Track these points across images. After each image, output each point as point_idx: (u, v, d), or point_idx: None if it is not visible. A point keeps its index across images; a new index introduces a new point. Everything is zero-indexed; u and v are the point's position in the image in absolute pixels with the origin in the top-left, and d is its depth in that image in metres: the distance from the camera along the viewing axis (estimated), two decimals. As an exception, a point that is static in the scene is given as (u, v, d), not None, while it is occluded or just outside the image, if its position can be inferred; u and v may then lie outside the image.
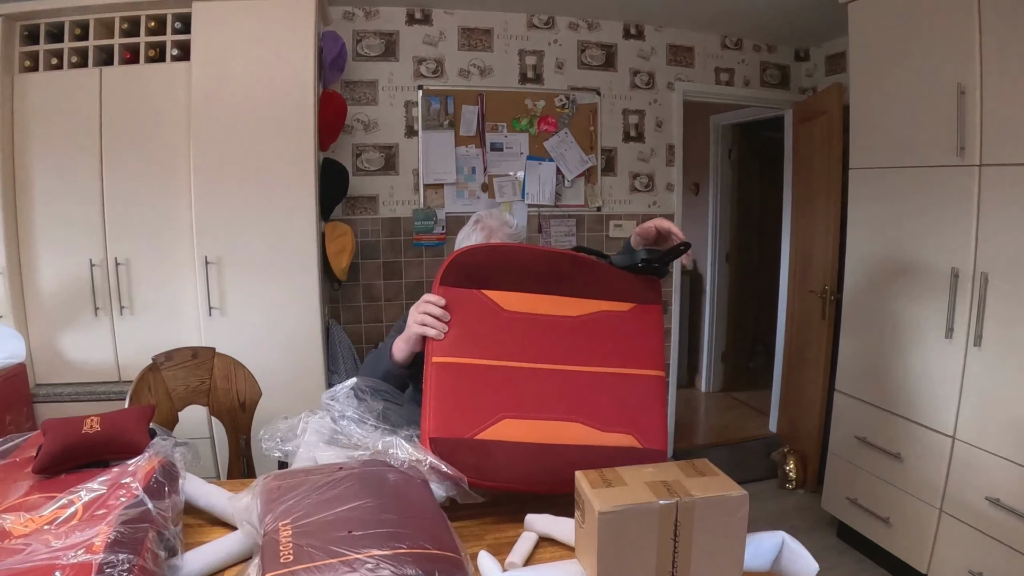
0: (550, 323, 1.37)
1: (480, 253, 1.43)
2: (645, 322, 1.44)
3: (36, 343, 2.70)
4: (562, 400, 1.32)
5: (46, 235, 2.66)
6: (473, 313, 1.36)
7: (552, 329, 1.37)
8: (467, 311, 1.36)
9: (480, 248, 1.45)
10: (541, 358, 1.35)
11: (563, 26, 3.61)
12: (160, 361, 2.05)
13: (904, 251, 2.57)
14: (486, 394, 1.30)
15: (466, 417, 1.28)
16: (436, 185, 3.48)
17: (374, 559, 0.89)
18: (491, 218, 1.92)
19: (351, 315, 3.45)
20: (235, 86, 2.65)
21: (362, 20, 3.34)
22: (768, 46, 4.02)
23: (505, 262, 1.41)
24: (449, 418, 1.28)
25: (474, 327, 1.35)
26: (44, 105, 2.62)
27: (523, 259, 1.43)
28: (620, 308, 1.43)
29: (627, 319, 1.42)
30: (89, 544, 0.93)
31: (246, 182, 2.67)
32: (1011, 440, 2.14)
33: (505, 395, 1.30)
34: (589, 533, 0.98)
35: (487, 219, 1.92)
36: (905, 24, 2.51)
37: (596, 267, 1.46)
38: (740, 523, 0.99)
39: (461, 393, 1.30)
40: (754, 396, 5.03)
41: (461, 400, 1.30)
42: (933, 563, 2.43)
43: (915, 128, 2.49)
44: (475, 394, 1.30)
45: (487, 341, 1.34)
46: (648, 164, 3.83)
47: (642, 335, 1.42)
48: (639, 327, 1.42)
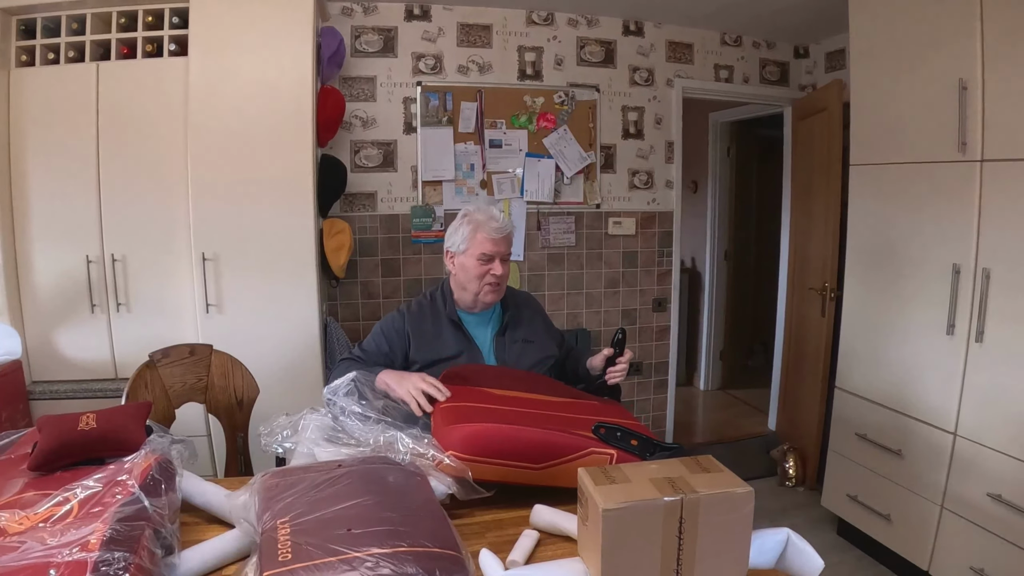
0: (534, 401, 1.59)
1: (467, 368, 1.77)
2: (616, 409, 1.69)
3: (32, 340, 2.68)
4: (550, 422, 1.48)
5: (42, 231, 2.64)
6: (465, 395, 1.58)
7: (537, 403, 1.58)
8: (460, 393, 1.59)
9: (469, 366, 1.82)
10: (530, 405, 1.55)
11: (562, 22, 3.59)
12: (157, 358, 2.03)
13: (905, 247, 2.56)
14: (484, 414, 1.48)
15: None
16: (435, 182, 3.47)
17: (374, 557, 0.88)
18: (479, 212, 1.95)
19: (349, 312, 3.44)
20: (233, 82, 2.63)
21: (360, 16, 3.32)
22: (767, 43, 4.02)
23: (491, 372, 1.77)
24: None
25: (468, 399, 1.55)
26: (40, 100, 2.60)
27: (505, 371, 1.78)
28: (592, 400, 1.74)
29: (599, 405, 1.68)
30: (85, 542, 0.92)
31: (244, 178, 2.65)
32: (1013, 436, 2.13)
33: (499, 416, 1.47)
34: (593, 531, 0.97)
35: (475, 213, 1.95)
36: (906, 19, 2.50)
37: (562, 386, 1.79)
38: (745, 520, 0.99)
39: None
40: (753, 394, 5.02)
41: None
42: (934, 560, 2.43)
43: (916, 124, 2.48)
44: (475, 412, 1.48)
45: (482, 402, 1.54)
46: (647, 161, 3.82)
47: (615, 409, 1.67)
48: (613, 409, 1.66)
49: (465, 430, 1.34)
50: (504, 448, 1.33)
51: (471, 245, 1.91)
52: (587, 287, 3.79)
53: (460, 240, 1.94)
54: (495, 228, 1.91)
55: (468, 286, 1.94)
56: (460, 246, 1.94)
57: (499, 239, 1.91)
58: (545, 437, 1.35)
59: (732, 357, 5.45)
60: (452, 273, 1.99)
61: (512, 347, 1.98)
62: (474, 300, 1.96)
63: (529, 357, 1.97)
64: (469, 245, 1.92)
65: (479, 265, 1.90)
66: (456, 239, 1.95)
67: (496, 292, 1.96)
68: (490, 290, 1.94)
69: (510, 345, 1.98)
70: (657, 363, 4.00)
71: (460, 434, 1.34)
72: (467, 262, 1.92)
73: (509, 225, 1.95)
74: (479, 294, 1.94)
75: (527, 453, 1.33)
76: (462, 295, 1.98)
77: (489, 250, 1.90)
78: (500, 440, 1.33)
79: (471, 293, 1.94)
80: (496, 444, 1.33)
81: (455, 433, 1.35)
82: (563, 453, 1.34)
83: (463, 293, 1.97)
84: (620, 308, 3.88)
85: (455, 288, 2.00)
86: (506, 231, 1.94)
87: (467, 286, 1.94)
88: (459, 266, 1.95)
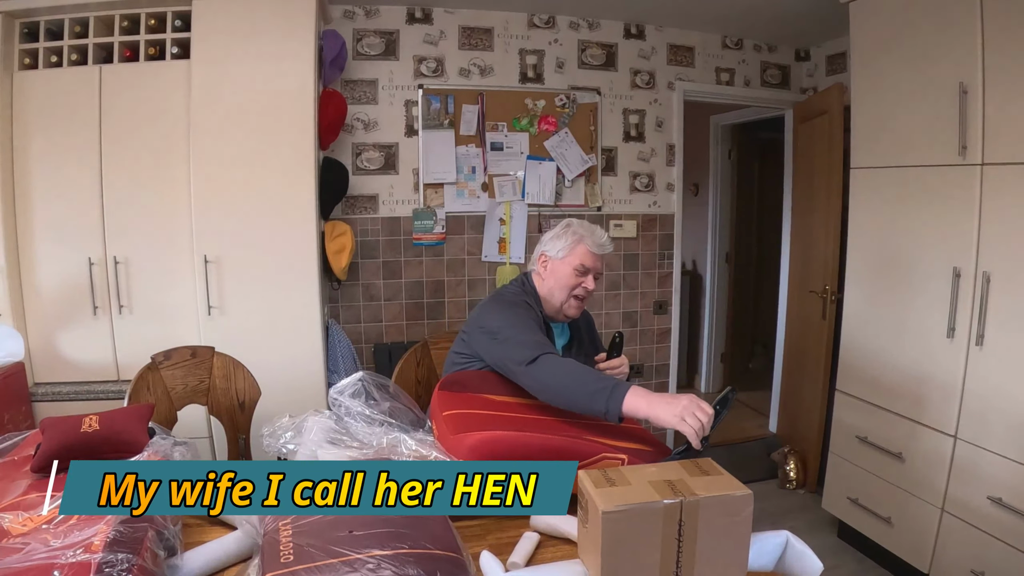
0: (535, 407, 1.57)
1: (466, 375, 1.76)
2: None
3: (35, 342, 2.69)
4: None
5: (45, 234, 2.65)
6: (467, 402, 1.56)
7: (538, 409, 1.55)
8: (462, 400, 1.57)
9: (467, 372, 1.79)
10: (532, 412, 1.54)
11: (564, 25, 3.60)
12: (159, 360, 2.04)
13: (905, 251, 2.56)
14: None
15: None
16: (436, 184, 3.47)
17: (375, 559, 0.88)
18: (582, 227, 1.95)
19: (350, 314, 3.44)
20: (235, 84, 2.64)
21: (362, 19, 3.33)
22: (768, 46, 4.02)
23: (491, 379, 1.74)
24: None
25: (471, 407, 1.54)
26: (43, 103, 2.61)
27: (503, 379, 1.73)
28: None
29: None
30: (88, 543, 0.93)
31: (246, 181, 2.66)
32: (1013, 439, 2.13)
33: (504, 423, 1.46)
34: (592, 533, 0.97)
35: (578, 227, 1.93)
36: (906, 23, 2.50)
37: None
38: (744, 522, 0.99)
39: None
40: (754, 396, 5.02)
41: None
42: (935, 563, 2.43)
43: (916, 127, 2.48)
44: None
45: (485, 409, 1.53)
46: (648, 164, 3.83)
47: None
48: None
49: (474, 438, 1.33)
50: (515, 455, 1.31)
51: (571, 254, 1.89)
52: (588, 289, 3.79)
53: (562, 247, 1.90)
54: (599, 244, 1.90)
55: (556, 294, 1.90)
56: (560, 253, 1.90)
57: (599, 256, 1.91)
58: (555, 443, 1.34)
59: (733, 359, 5.45)
60: (542, 278, 1.95)
61: (577, 360, 1.94)
62: (557, 311, 1.92)
63: None
64: (569, 254, 1.89)
65: (574, 275, 1.88)
66: (558, 245, 1.91)
67: (580, 308, 1.93)
68: (576, 304, 1.91)
69: (575, 359, 1.93)
70: (658, 365, 4.01)
71: (470, 442, 1.33)
72: (562, 269, 1.89)
73: (610, 244, 1.95)
74: (564, 305, 1.90)
75: (538, 460, 1.30)
76: (548, 301, 1.93)
77: (589, 263, 1.89)
78: (510, 447, 1.32)
79: (557, 302, 1.90)
80: (506, 452, 1.32)
81: (465, 442, 1.33)
82: (575, 458, 1.32)
83: (550, 300, 1.92)
84: (621, 310, 3.88)
85: (543, 293, 1.94)
86: (608, 249, 1.94)
87: (555, 294, 1.90)
88: (552, 272, 1.92)
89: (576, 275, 1.88)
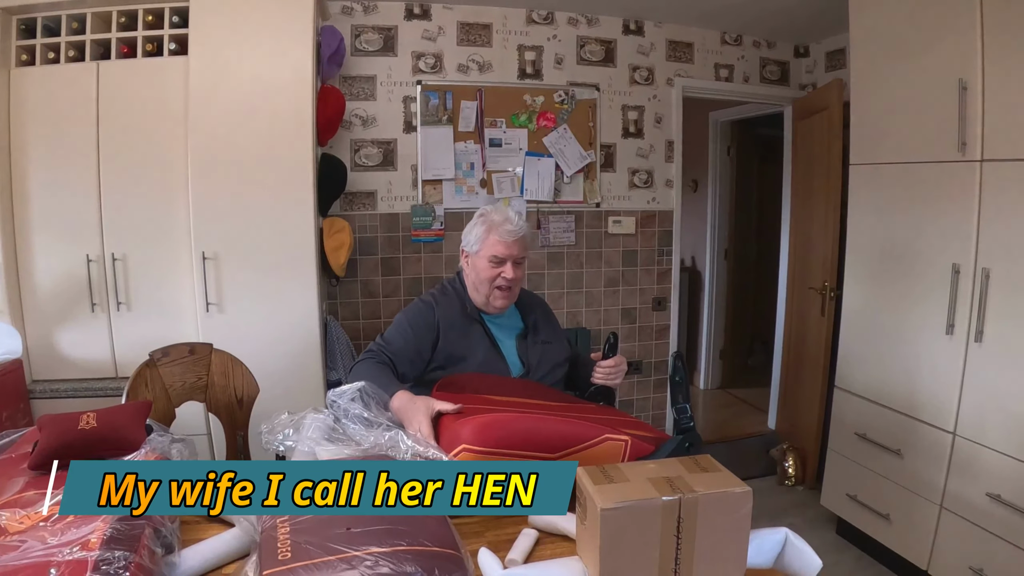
0: (534, 404, 1.56)
1: (462, 378, 1.76)
2: (613, 411, 1.70)
3: (33, 339, 2.69)
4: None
5: (43, 231, 2.64)
6: (466, 401, 1.53)
7: (537, 406, 1.54)
8: (460, 401, 1.53)
9: (462, 375, 1.78)
10: (532, 408, 1.52)
11: (562, 21, 3.59)
12: (157, 357, 2.04)
13: (905, 247, 2.56)
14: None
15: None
16: (434, 181, 3.47)
17: (373, 556, 0.88)
18: (495, 212, 1.90)
19: (349, 311, 3.44)
20: (233, 81, 2.63)
21: (361, 15, 3.32)
22: (768, 42, 4.01)
23: (488, 381, 1.76)
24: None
25: (471, 403, 1.51)
26: (40, 100, 2.60)
27: (497, 379, 1.78)
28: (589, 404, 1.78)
29: (596, 407, 1.68)
30: (85, 541, 0.93)
31: (244, 177, 2.65)
32: (1012, 436, 2.13)
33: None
34: (591, 530, 0.97)
35: (491, 214, 1.91)
36: (906, 19, 2.50)
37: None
38: (743, 519, 0.99)
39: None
40: (753, 393, 5.02)
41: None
42: (933, 559, 2.43)
43: (916, 124, 2.48)
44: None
45: (485, 405, 1.52)
46: (647, 160, 3.82)
47: (614, 411, 1.67)
48: (611, 411, 1.67)
49: (476, 421, 1.30)
50: (519, 437, 1.28)
51: (483, 246, 1.87)
52: (587, 286, 3.79)
53: (474, 240, 1.89)
54: (508, 231, 1.86)
55: (479, 288, 1.89)
56: (473, 246, 1.89)
57: (512, 242, 1.86)
58: (560, 425, 1.32)
59: (732, 356, 5.45)
60: (467, 274, 1.94)
61: (534, 348, 1.94)
62: (485, 303, 1.91)
63: (550, 358, 1.94)
64: (481, 246, 1.87)
65: (490, 267, 1.85)
66: (470, 239, 1.91)
67: (506, 297, 1.90)
68: (500, 295, 1.88)
69: (532, 347, 1.94)
70: (657, 362, 4.01)
71: (473, 425, 1.29)
72: (479, 263, 1.88)
73: (523, 228, 1.90)
74: (489, 297, 1.89)
75: (543, 442, 1.29)
76: (475, 296, 1.93)
77: (501, 252, 1.85)
78: (514, 429, 1.29)
79: (482, 295, 1.90)
80: (511, 433, 1.28)
81: (467, 426, 1.30)
82: (579, 440, 1.30)
83: (476, 294, 1.92)
84: (620, 307, 3.88)
85: (469, 288, 1.94)
86: (519, 234, 1.88)
87: (479, 288, 1.90)
88: (472, 266, 1.91)
89: (492, 266, 1.85)
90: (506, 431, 1.29)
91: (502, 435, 1.28)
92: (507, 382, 1.79)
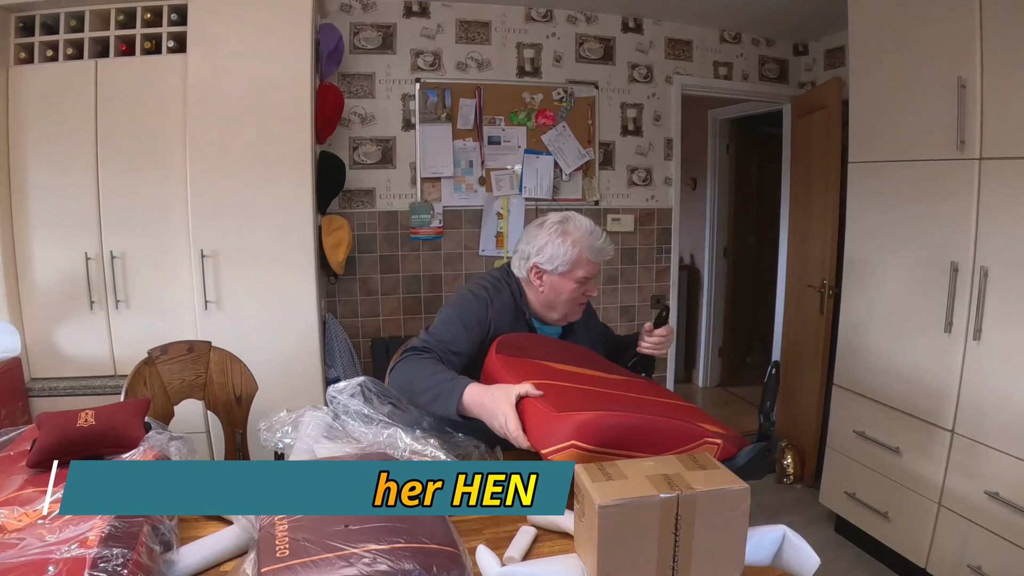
0: (596, 378, 1.51)
1: (521, 338, 1.68)
2: (659, 388, 1.61)
3: (31, 337, 2.68)
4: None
5: (41, 229, 2.64)
6: (529, 368, 1.48)
7: (600, 380, 1.50)
8: (524, 367, 1.49)
9: (521, 335, 1.70)
10: (599, 384, 1.48)
11: (561, 19, 3.59)
12: (156, 355, 2.03)
13: (903, 245, 2.56)
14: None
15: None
16: (433, 179, 3.47)
17: (371, 553, 0.88)
18: (577, 228, 1.73)
19: (347, 309, 3.44)
20: (231, 78, 2.62)
21: (359, 12, 3.32)
22: (767, 40, 4.01)
23: (544, 343, 1.68)
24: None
25: (537, 375, 1.43)
26: (39, 97, 2.59)
27: (549, 341, 1.73)
28: (637, 376, 1.74)
29: (645, 383, 1.62)
30: (83, 538, 0.93)
31: (242, 175, 2.65)
32: (1010, 434, 2.13)
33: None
34: (589, 527, 0.97)
35: (574, 231, 1.73)
36: (905, 17, 2.49)
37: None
38: (741, 517, 0.99)
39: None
40: (751, 391, 5.03)
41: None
42: (931, 557, 2.43)
43: (915, 122, 2.48)
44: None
45: (557, 379, 1.44)
46: (646, 158, 3.82)
47: (661, 390, 1.59)
48: (660, 389, 1.60)
49: (582, 417, 1.21)
50: (626, 436, 1.22)
51: (574, 267, 1.70)
52: (586, 284, 3.79)
53: (560, 261, 1.69)
54: (600, 250, 1.72)
55: (557, 307, 1.75)
56: (558, 268, 1.70)
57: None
58: (663, 425, 1.26)
59: (731, 354, 5.46)
60: (535, 288, 1.76)
61: (588, 343, 1.88)
62: (560, 318, 1.78)
63: None
64: (571, 268, 1.70)
65: (577, 287, 1.72)
66: (554, 258, 1.70)
67: (583, 308, 1.81)
68: (580, 310, 1.79)
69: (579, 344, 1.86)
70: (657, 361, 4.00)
71: (579, 420, 1.21)
72: (564, 285, 1.72)
73: (611, 247, 1.77)
74: (568, 315, 1.77)
75: (647, 442, 1.22)
76: (546, 313, 1.78)
77: (592, 272, 1.72)
78: (620, 428, 1.22)
79: (559, 314, 1.77)
80: (617, 432, 1.21)
81: (572, 420, 1.21)
82: (681, 443, 1.25)
83: (548, 311, 1.77)
84: (619, 305, 3.88)
85: (537, 303, 1.78)
86: (609, 254, 1.77)
87: (556, 306, 1.75)
88: (550, 285, 1.73)
89: (579, 286, 1.73)
90: (613, 429, 1.21)
91: (610, 434, 1.20)
92: (561, 346, 1.70)
